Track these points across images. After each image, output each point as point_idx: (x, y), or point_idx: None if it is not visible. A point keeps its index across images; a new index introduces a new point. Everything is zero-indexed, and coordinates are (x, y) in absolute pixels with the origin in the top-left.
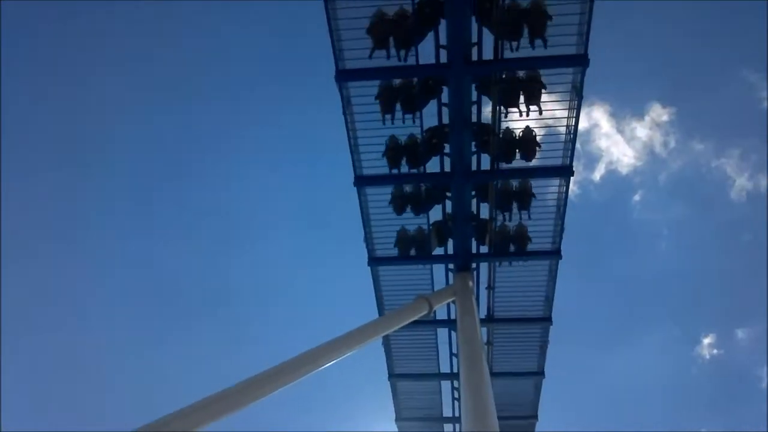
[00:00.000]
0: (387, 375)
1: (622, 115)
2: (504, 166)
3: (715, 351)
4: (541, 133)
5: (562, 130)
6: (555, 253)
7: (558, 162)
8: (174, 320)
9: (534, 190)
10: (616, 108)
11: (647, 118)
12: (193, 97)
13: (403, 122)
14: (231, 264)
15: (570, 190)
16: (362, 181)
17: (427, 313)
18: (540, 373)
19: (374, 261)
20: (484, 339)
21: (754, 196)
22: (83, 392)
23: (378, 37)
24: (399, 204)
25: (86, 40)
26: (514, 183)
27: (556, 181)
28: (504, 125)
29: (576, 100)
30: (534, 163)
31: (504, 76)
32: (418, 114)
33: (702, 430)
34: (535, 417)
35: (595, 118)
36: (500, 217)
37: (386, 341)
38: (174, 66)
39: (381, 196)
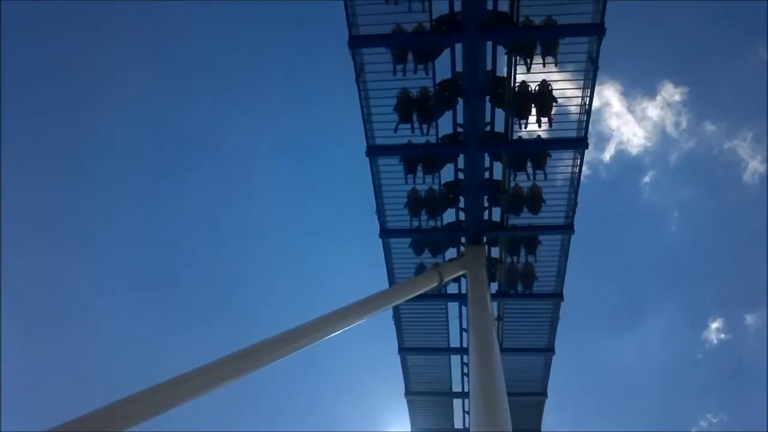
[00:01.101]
0: (397, 348)
1: (633, 95)
2: (518, 132)
3: (722, 336)
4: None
5: (577, 101)
6: (568, 228)
7: (572, 134)
8: (182, 301)
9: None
10: (627, 87)
11: (659, 98)
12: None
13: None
14: (240, 238)
15: None
16: (374, 151)
17: (437, 285)
18: (550, 350)
19: (385, 233)
20: (495, 314)
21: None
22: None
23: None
24: (409, 166)
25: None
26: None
27: (569, 154)
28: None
29: (591, 71)
30: (547, 135)
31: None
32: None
33: (706, 416)
34: (545, 395)
35: (606, 96)
36: (513, 177)
37: (396, 314)
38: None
39: (393, 167)
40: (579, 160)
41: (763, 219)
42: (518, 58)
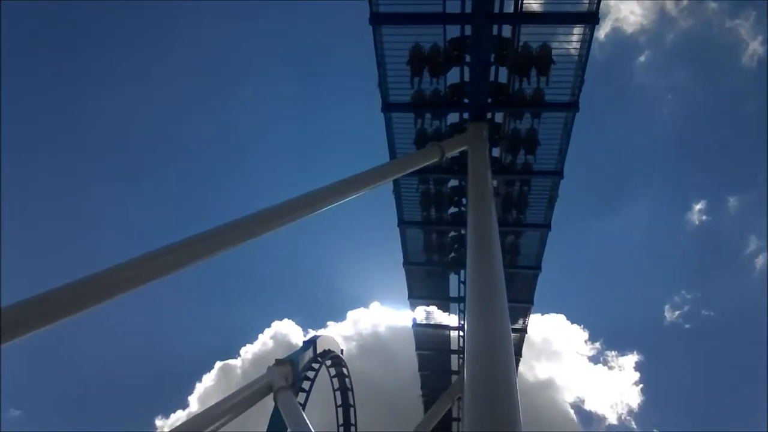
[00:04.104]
0: (396, 222)
1: None
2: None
3: (704, 218)
4: None
5: None
6: (572, 106)
7: (583, 8)
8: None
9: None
10: None
11: None
12: None
13: None
14: (239, 111)
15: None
16: (379, 19)
17: (438, 160)
18: (546, 226)
19: (388, 107)
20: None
21: (765, 63)
22: None
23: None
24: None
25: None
26: None
27: (578, 30)
28: None
29: None
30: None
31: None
32: None
33: (681, 292)
34: (539, 268)
35: None
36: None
37: (397, 189)
38: None
39: (398, 37)
40: (589, 36)
41: (756, 105)
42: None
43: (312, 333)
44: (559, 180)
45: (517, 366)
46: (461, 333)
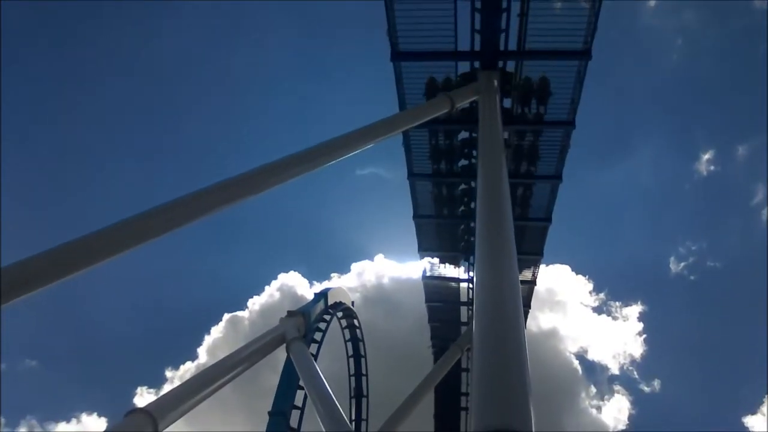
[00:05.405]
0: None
1: None
2: None
3: (712, 167)
4: None
5: None
6: (585, 54)
7: None
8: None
9: None
10: None
11: None
12: None
13: None
14: (244, 60)
15: None
16: None
17: (448, 111)
18: (558, 177)
19: (397, 56)
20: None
21: None
22: None
23: None
24: None
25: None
26: None
27: None
28: None
29: None
30: None
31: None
32: None
33: (686, 243)
34: (549, 220)
35: None
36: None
37: (407, 141)
38: None
39: None
40: None
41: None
42: None
43: (317, 285)
44: (571, 130)
45: (526, 317)
46: (470, 285)
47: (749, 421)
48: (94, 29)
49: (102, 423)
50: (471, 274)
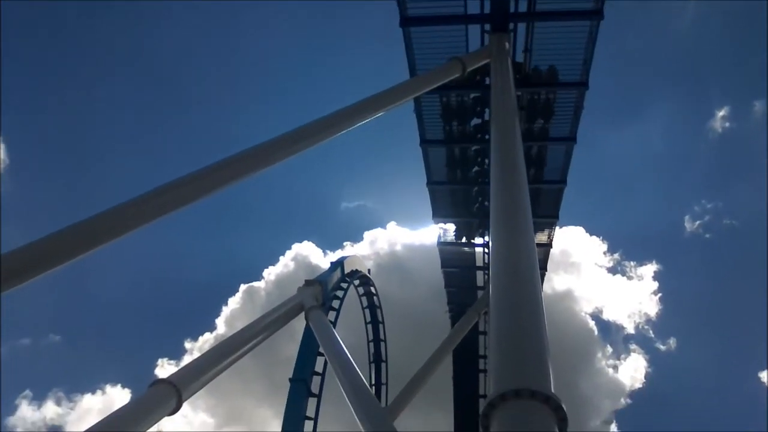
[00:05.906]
0: (418, 141)
1: None
2: None
3: (727, 124)
4: None
5: None
6: (596, 13)
7: None
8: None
9: None
10: None
11: None
12: None
13: None
14: (250, 32)
15: None
16: None
17: (460, 76)
18: (572, 139)
19: (406, 21)
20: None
21: None
22: None
23: None
24: None
25: None
26: None
27: None
28: None
29: None
30: None
31: None
32: None
33: (701, 201)
34: (564, 182)
35: None
36: None
37: (418, 108)
38: None
39: None
40: None
41: None
42: None
43: (331, 254)
44: (585, 91)
45: (543, 280)
46: (486, 250)
47: (765, 375)
48: (93, 29)
49: (126, 394)
50: (486, 239)
